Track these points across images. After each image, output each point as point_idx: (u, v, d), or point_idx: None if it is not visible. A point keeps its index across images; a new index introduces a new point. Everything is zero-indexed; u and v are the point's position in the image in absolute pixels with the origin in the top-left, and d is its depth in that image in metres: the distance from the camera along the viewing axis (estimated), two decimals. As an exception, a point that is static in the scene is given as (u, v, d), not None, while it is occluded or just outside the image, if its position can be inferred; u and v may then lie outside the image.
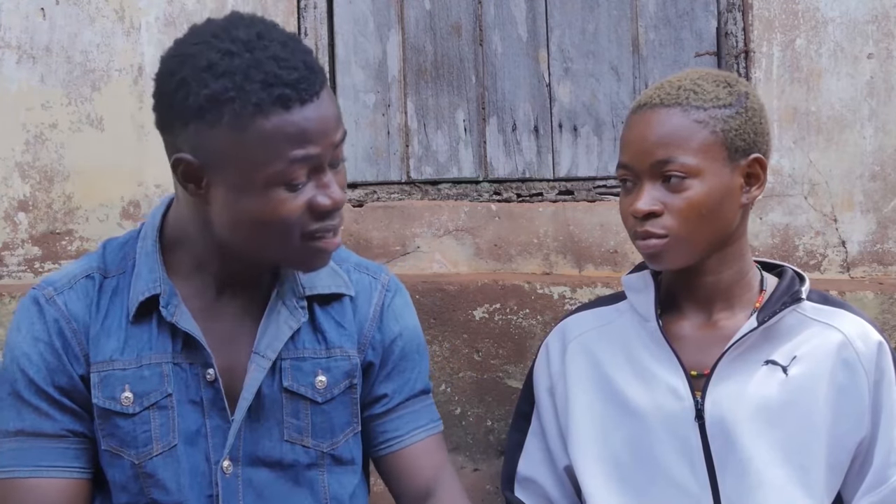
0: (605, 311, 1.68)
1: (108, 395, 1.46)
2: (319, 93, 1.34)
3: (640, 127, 1.53)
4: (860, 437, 1.52)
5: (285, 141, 1.32)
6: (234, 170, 1.34)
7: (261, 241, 1.38)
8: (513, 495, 1.69)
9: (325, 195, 1.36)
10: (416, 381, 1.61)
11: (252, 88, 1.31)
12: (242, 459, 1.48)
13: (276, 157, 1.32)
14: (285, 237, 1.37)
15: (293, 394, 1.50)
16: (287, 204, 1.35)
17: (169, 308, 1.46)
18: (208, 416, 1.47)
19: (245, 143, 1.32)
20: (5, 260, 2.17)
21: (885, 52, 2.17)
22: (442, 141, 2.28)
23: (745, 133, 1.52)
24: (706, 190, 1.50)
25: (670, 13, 2.27)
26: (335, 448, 1.53)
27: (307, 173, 1.35)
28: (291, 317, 1.50)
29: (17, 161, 2.17)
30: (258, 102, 1.31)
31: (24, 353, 1.47)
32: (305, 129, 1.32)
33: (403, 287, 1.65)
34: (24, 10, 2.17)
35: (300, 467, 1.51)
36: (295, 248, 1.38)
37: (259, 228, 1.36)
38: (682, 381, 1.54)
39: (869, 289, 2.08)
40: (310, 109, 1.33)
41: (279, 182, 1.33)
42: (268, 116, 1.31)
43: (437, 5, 2.28)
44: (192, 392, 1.47)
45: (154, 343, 1.47)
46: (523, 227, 2.20)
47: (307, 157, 1.33)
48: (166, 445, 1.46)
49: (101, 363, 1.46)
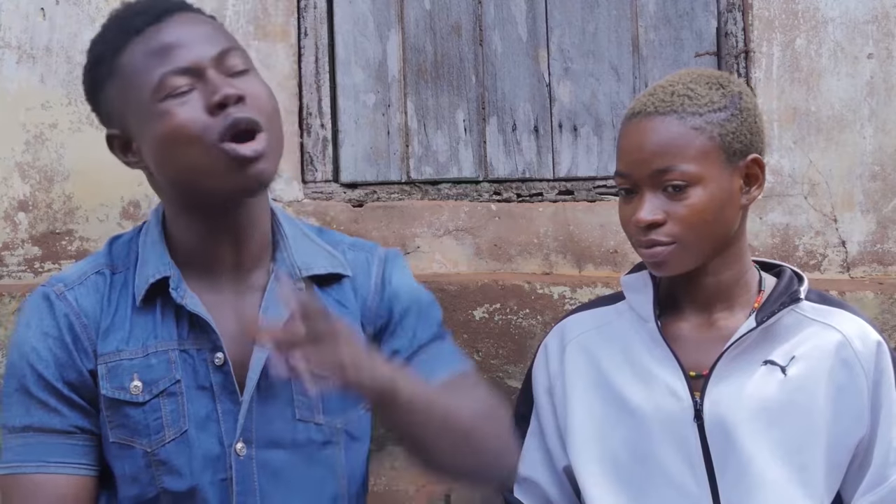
0: (603, 312, 1.68)
1: (117, 385, 1.46)
2: (172, 12, 1.43)
3: (637, 136, 1.52)
4: (859, 436, 1.52)
5: (149, 57, 1.40)
6: (131, 111, 1.42)
7: (182, 162, 1.40)
8: (512, 496, 1.69)
9: (212, 91, 1.39)
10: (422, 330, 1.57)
11: (110, 36, 1.44)
12: (256, 441, 1.48)
13: (147, 74, 1.40)
14: (196, 145, 1.38)
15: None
16: (179, 111, 1.38)
17: (179, 290, 1.47)
18: (219, 400, 1.47)
19: (122, 81, 1.42)
20: (5, 260, 2.17)
21: (885, 52, 2.17)
22: (442, 141, 2.28)
23: (742, 134, 1.52)
24: (708, 196, 1.50)
25: (670, 13, 2.27)
26: (349, 424, 1.53)
27: (191, 81, 1.40)
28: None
29: (17, 161, 2.17)
30: (117, 43, 1.42)
31: (32, 349, 1.47)
32: (163, 41, 1.41)
33: (400, 254, 1.65)
34: (24, 10, 2.17)
35: (315, 446, 1.50)
36: (212, 158, 1.38)
37: (172, 147, 1.40)
38: (681, 382, 1.54)
39: (869, 289, 2.08)
40: (163, 26, 1.42)
41: (162, 96, 1.39)
42: (127, 47, 1.42)
43: (437, 5, 2.28)
44: (202, 378, 1.48)
45: (159, 331, 1.47)
46: (523, 227, 2.20)
47: (174, 63, 1.39)
48: (178, 431, 1.46)
49: (107, 354, 1.47)
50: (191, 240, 1.49)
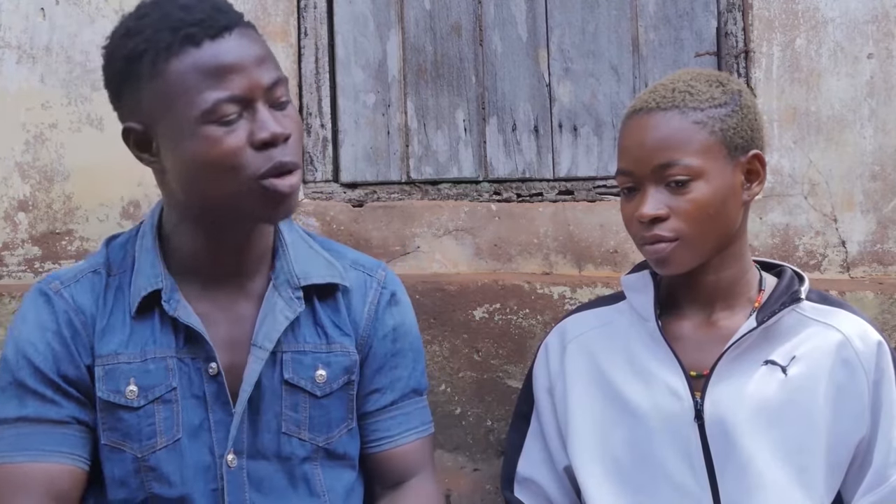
0: (604, 312, 1.68)
1: (113, 389, 1.46)
2: (231, 29, 1.38)
3: (639, 132, 1.52)
4: (860, 436, 1.52)
5: (203, 76, 1.35)
6: (167, 119, 1.38)
7: (214, 187, 1.39)
8: (512, 496, 1.69)
9: (262, 128, 1.37)
10: (409, 378, 1.61)
11: (161, 37, 1.37)
12: (246, 453, 1.49)
13: (199, 94, 1.35)
14: (233, 175, 1.37)
15: (293, 387, 1.51)
16: (225, 139, 1.36)
17: (171, 303, 1.46)
18: (211, 410, 1.48)
19: (167, 88, 1.37)
20: (5, 260, 2.17)
21: (885, 52, 2.17)
22: (442, 141, 2.28)
23: (743, 130, 1.52)
24: (710, 190, 1.50)
25: (670, 13, 2.27)
26: (329, 443, 1.54)
27: (239, 109, 1.36)
28: (287, 307, 1.50)
29: (17, 161, 2.17)
30: (167, 46, 1.36)
31: (29, 343, 1.47)
32: (221, 61, 1.36)
33: (400, 283, 1.64)
34: (24, 10, 2.17)
35: (296, 460, 1.51)
36: (248, 189, 1.38)
37: (207, 172, 1.37)
38: (682, 382, 1.55)
39: (869, 289, 2.07)
40: (222, 43, 1.37)
41: (210, 120, 1.35)
42: (179, 56, 1.36)
43: (437, 5, 2.28)
44: (196, 387, 1.48)
45: (158, 338, 1.47)
46: (523, 227, 2.20)
47: (230, 91, 1.35)
48: (170, 439, 1.46)
49: (105, 356, 1.47)
50: (191, 247, 1.49)
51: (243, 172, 1.37)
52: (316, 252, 1.58)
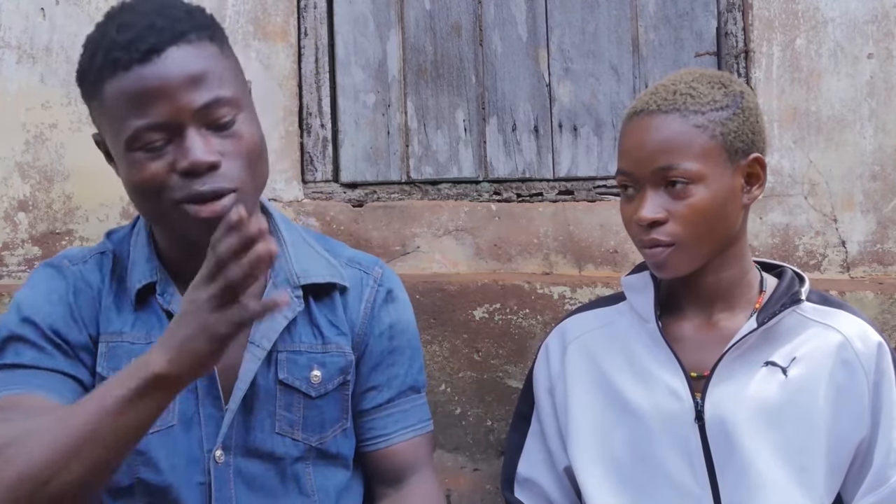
0: (604, 312, 1.68)
1: (114, 367, 1.46)
2: (161, 49, 1.33)
3: (639, 134, 1.52)
4: (860, 437, 1.52)
5: (128, 102, 1.33)
6: (108, 138, 1.39)
7: (144, 208, 1.40)
8: (512, 496, 1.69)
9: (183, 156, 1.33)
10: (405, 376, 1.61)
11: (96, 59, 1.35)
12: (234, 450, 1.49)
13: (124, 121, 1.34)
14: (159, 201, 1.36)
15: (287, 387, 1.50)
16: (147, 166, 1.34)
17: (165, 296, 1.47)
18: (202, 404, 1.48)
19: (102, 110, 1.36)
20: (5, 260, 2.17)
21: (885, 52, 2.17)
22: (442, 141, 2.28)
23: (744, 134, 1.52)
24: (710, 194, 1.50)
25: (670, 13, 2.27)
26: (323, 443, 1.53)
27: (165, 136, 1.34)
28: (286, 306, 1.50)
29: (17, 161, 2.17)
30: (100, 68, 1.34)
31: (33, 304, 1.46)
32: (143, 86, 1.32)
33: (398, 280, 1.64)
34: (24, 10, 2.17)
35: (288, 460, 1.51)
36: (172, 214, 1.37)
37: (136, 193, 1.39)
38: (682, 382, 1.54)
39: (869, 289, 2.07)
40: (148, 67, 1.32)
41: (134, 147, 1.34)
42: (110, 80, 1.34)
43: (437, 5, 2.28)
44: None
45: (164, 324, 1.47)
46: (523, 227, 2.20)
47: (151, 118, 1.32)
48: (164, 424, 1.46)
49: (110, 334, 1.47)
50: (174, 251, 1.50)
51: (165, 196, 1.36)
52: (316, 251, 1.58)
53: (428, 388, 1.68)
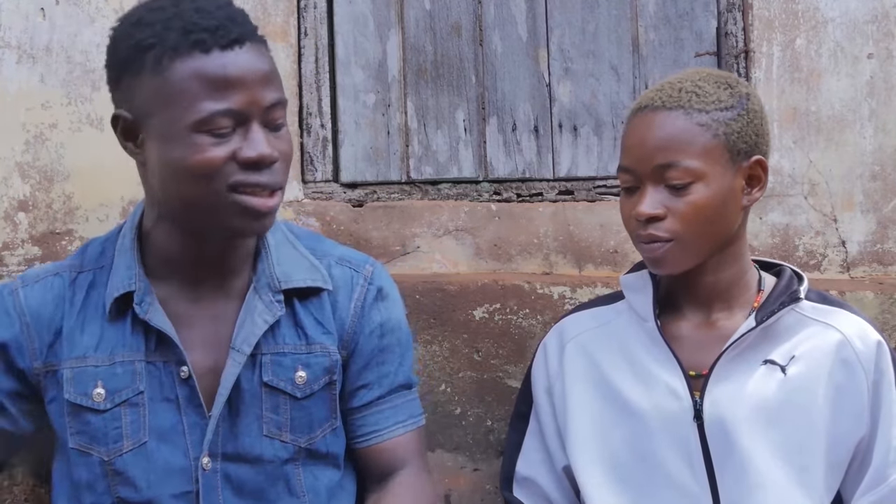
0: (603, 311, 1.68)
1: (81, 391, 1.47)
2: (243, 42, 1.37)
3: (642, 130, 1.52)
4: (859, 436, 1.52)
5: (206, 84, 1.35)
6: (160, 117, 1.37)
7: (189, 193, 1.39)
8: (511, 495, 1.69)
9: (250, 147, 1.37)
10: (396, 373, 1.61)
11: (171, 35, 1.36)
12: (221, 455, 1.49)
13: (198, 101, 1.35)
14: (210, 186, 1.37)
15: (273, 388, 1.50)
16: (211, 150, 1.36)
17: (143, 305, 1.46)
18: (184, 413, 1.48)
19: (167, 87, 1.36)
20: (5, 260, 2.17)
21: (885, 52, 2.17)
22: (442, 141, 2.28)
23: (747, 135, 1.52)
24: (710, 193, 1.50)
25: (670, 13, 2.27)
26: (312, 443, 1.53)
27: (233, 124, 1.36)
28: (267, 311, 1.50)
29: (17, 161, 2.17)
30: (175, 46, 1.35)
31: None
32: (225, 74, 1.35)
33: (389, 277, 1.64)
34: (24, 10, 2.17)
35: (277, 462, 1.51)
36: (222, 201, 1.38)
37: (186, 177, 1.37)
38: (681, 381, 1.54)
39: (869, 289, 2.07)
40: (230, 56, 1.36)
41: (202, 129, 1.35)
42: (185, 59, 1.35)
43: (437, 5, 2.28)
44: (167, 390, 1.48)
45: (127, 340, 1.48)
46: (523, 227, 2.20)
47: (228, 104, 1.35)
48: (136, 442, 1.47)
49: (74, 359, 1.47)
50: (169, 245, 1.48)
51: (219, 182, 1.37)
52: (300, 254, 1.57)
53: (428, 388, 1.68)
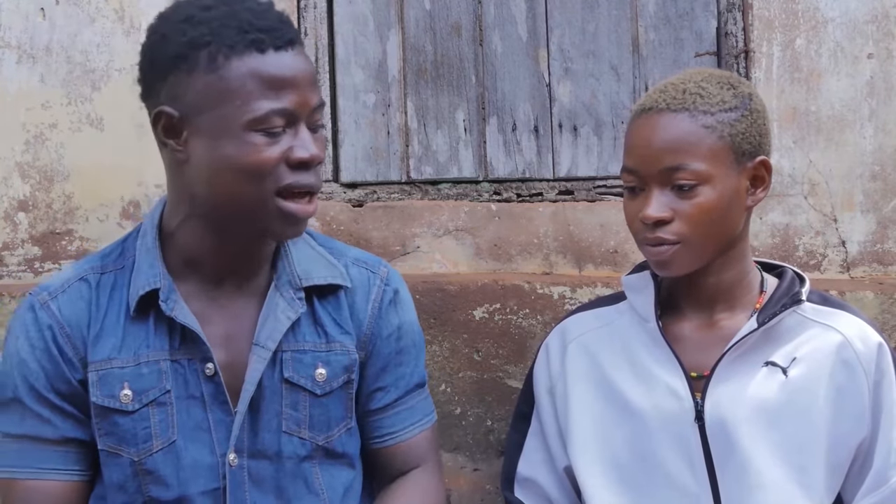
0: (604, 312, 1.68)
1: (108, 394, 1.47)
2: (294, 44, 1.40)
3: (647, 132, 1.51)
4: (860, 437, 1.52)
5: (261, 84, 1.36)
6: (212, 115, 1.38)
7: (237, 191, 1.39)
8: (512, 496, 1.69)
9: (302, 147, 1.39)
10: (412, 374, 1.63)
11: (227, 33, 1.36)
12: (245, 452, 1.49)
13: (254, 100, 1.36)
14: (259, 187, 1.38)
15: (293, 385, 1.51)
16: (264, 150, 1.37)
17: (168, 303, 1.47)
18: (210, 410, 1.48)
19: (222, 85, 1.37)
20: (5, 260, 2.17)
21: (885, 52, 2.17)
22: (442, 141, 2.28)
23: (751, 136, 1.52)
24: (716, 195, 1.49)
25: (670, 13, 2.27)
26: (329, 441, 1.54)
27: (284, 124, 1.38)
28: (289, 308, 1.51)
29: (17, 161, 2.17)
30: (232, 44, 1.36)
31: (22, 360, 1.49)
32: (280, 74, 1.37)
33: (402, 279, 1.65)
34: (24, 10, 2.17)
35: (296, 459, 1.52)
36: (268, 204, 1.40)
37: (235, 176, 1.38)
38: (682, 382, 1.54)
39: (869, 289, 2.07)
40: (284, 57, 1.38)
41: (257, 128, 1.37)
42: (242, 58, 1.36)
43: (437, 5, 2.28)
44: (192, 387, 1.48)
45: (151, 341, 1.48)
46: (523, 227, 2.20)
47: (283, 104, 1.37)
48: (166, 441, 1.47)
49: (99, 362, 1.47)
50: (195, 245, 1.49)
51: (269, 183, 1.39)
52: (318, 253, 1.58)
53: (428, 388, 1.68)
